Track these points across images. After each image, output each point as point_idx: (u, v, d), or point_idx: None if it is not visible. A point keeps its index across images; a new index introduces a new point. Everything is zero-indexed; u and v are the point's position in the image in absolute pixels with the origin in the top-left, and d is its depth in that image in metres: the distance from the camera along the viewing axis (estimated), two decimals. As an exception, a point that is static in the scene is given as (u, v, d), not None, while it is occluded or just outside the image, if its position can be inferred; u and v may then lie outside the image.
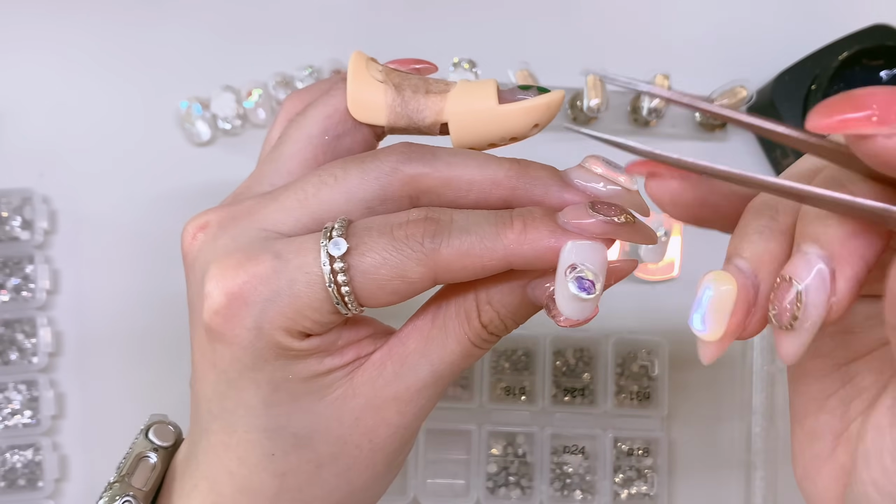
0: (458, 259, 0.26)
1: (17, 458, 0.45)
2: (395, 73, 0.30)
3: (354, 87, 0.30)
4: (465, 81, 0.30)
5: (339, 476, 0.29)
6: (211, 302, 0.27)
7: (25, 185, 0.48)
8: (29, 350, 0.46)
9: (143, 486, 0.30)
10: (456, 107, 0.29)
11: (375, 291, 0.26)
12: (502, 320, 0.28)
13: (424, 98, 0.30)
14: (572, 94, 0.49)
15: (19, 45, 0.49)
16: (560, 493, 0.46)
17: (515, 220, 0.26)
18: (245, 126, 0.49)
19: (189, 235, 0.29)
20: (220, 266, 0.27)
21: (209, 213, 0.29)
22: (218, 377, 0.28)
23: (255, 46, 0.50)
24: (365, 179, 0.27)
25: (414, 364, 0.28)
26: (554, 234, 0.26)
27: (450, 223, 0.26)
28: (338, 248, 0.26)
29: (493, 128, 0.29)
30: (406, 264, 0.26)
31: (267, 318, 0.26)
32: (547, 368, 0.46)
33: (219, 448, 0.29)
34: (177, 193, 0.49)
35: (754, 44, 0.51)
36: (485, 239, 0.26)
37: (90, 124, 0.49)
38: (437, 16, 0.51)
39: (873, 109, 0.20)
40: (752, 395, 0.47)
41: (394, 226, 0.26)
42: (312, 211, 0.28)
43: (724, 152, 0.50)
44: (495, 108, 0.29)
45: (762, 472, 0.46)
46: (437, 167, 0.28)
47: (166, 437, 0.32)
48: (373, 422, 0.29)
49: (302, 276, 0.26)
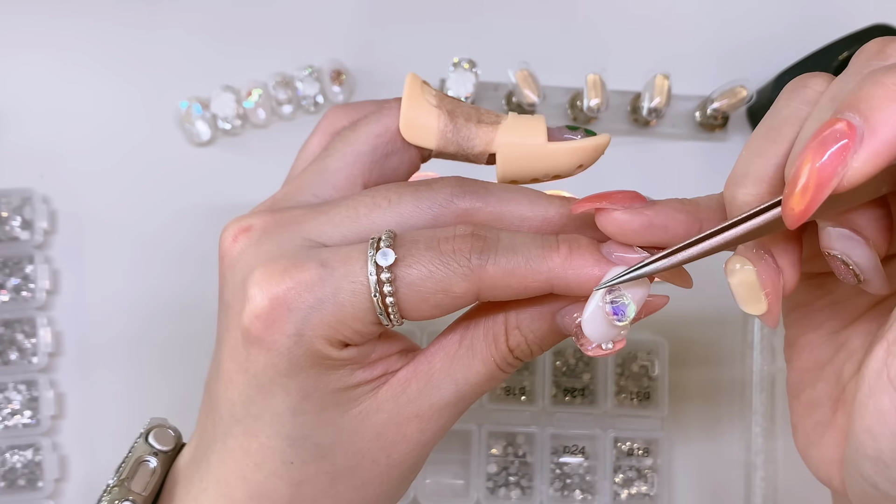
0: (503, 277, 0.26)
1: (17, 458, 0.45)
2: (448, 99, 0.31)
3: (409, 109, 0.30)
4: (516, 115, 0.31)
5: (354, 490, 0.29)
6: (253, 306, 0.27)
7: (25, 185, 0.48)
8: (29, 350, 0.46)
9: (143, 491, 0.30)
10: (506, 139, 0.30)
11: (419, 304, 0.27)
12: (529, 345, 0.29)
13: (476, 127, 0.30)
14: (572, 94, 0.49)
15: (20, 46, 0.49)
16: (560, 493, 0.46)
17: (562, 245, 0.27)
18: (245, 126, 0.49)
19: (230, 237, 0.29)
20: (266, 271, 0.27)
21: (253, 217, 0.29)
22: (248, 381, 0.28)
23: (255, 46, 0.50)
24: (419, 208, 0.28)
25: (438, 383, 0.29)
26: (598, 263, 0.27)
27: (496, 241, 0.27)
28: (385, 259, 0.26)
29: (539, 164, 0.30)
30: (451, 278, 0.26)
31: (309, 325, 0.26)
32: (547, 368, 0.46)
33: (237, 452, 0.29)
34: (177, 193, 0.49)
35: (754, 44, 0.51)
36: (531, 260, 0.26)
37: (90, 124, 0.49)
38: (437, 16, 0.51)
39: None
40: (752, 395, 0.47)
41: (441, 240, 0.27)
42: (361, 230, 0.28)
43: (723, 152, 0.50)
44: (544, 145, 0.30)
45: (762, 472, 0.46)
46: (489, 202, 0.28)
47: (166, 442, 0.32)
48: (393, 437, 0.29)
49: (348, 284, 0.26)
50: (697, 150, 0.50)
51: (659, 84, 0.47)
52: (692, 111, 0.50)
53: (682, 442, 0.48)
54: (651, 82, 0.47)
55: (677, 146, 0.50)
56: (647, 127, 0.50)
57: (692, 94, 0.49)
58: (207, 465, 0.30)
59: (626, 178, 0.49)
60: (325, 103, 0.49)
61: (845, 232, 0.24)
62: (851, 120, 0.21)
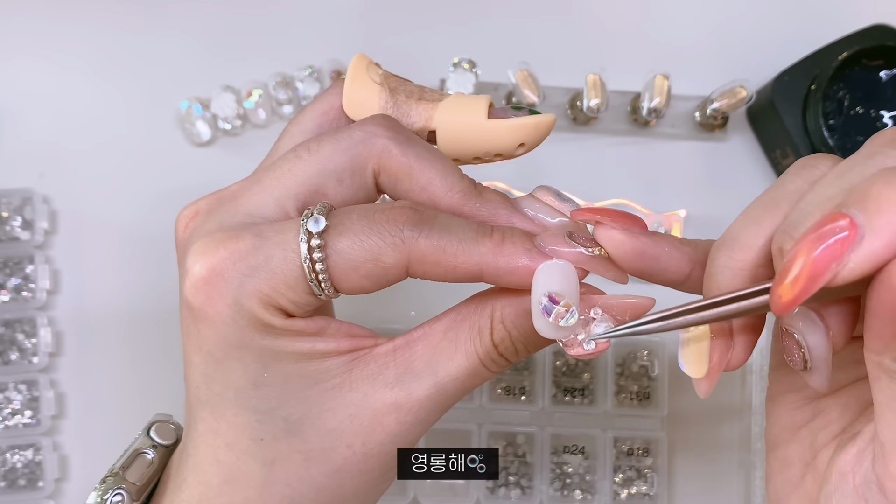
0: (433, 253, 0.27)
1: (18, 458, 0.46)
2: (392, 77, 0.31)
3: (351, 87, 0.31)
4: (460, 94, 0.31)
5: (328, 476, 0.29)
6: (191, 277, 0.27)
7: (26, 185, 0.48)
8: (29, 350, 0.46)
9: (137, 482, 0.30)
10: (445, 116, 0.30)
11: (349, 272, 0.27)
12: (514, 342, 0.28)
13: (416, 104, 0.30)
14: (572, 95, 0.49)
15: (20, 46, 0.50)
16: (560, 493, 0.46)
17: (495, 233, 0.27)
18: (245, 126, 0.49)
19: (182, 224, 0.30)
20: (203, 243, 0.27)
21: (199, 201, 0.30)
22: (205, 359, 0.28)
23: (255, 47, 0.50)
24: (337, 150, 0.28)
25: (418, 371, 0.28)
26: (529, 253, 0.27)
27: (433, 218, 0.27)
28: (317, 225, 0.26)
29: (479, 142, 0.30)
30: (382, 248, 0.26)
31: (244, 292, 0.27)
32: (547, 368, 0.46)
33: (207, 436, 0.29)
34: (177, 193, 0.48)
35: (754, 44, 0.51)
36: (463, 242, 0.27)
37: (91, 125, 0.49)
38: (437, 16, 0.51)
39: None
40: (752, 395, 0.47)
41: (376, 211, 0.27)
42: (289, 186, 0.28)
43: (723, 152, 0.50)
44: (483, 122, 0.30)
45: (762, 472, 0.46)
46: (405, 151, 0.28)
47: (167, 436, 0.32)
48: (369, 423, 0.28)
49: (279, 252, 0.27)
50: (697, 151, 0.50)
51: (659, 84, 0.47)
52: (692, 111, 0.50)
53: (682, 442, 0.48)
54: (651, 82, 0.47)
55: (677, 146, 0.50)
56: (646, 127, 0.50)
57: (692, 95, 0.49)
58: (186, 454, 0.30)
59: (626, 178, 0.50)
60: (325, 103, 0.49)
61: (811, 314, 0.24)
62: (855, 218, 0.21)
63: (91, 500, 0.30)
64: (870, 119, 0.46)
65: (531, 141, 0.30)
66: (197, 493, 0.29)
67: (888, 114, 0.46)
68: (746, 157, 0.50)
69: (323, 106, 0.31)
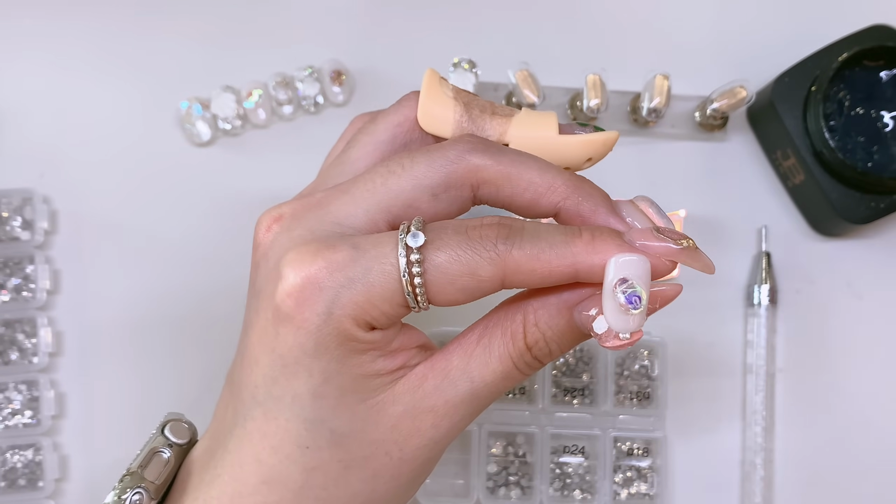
0: (528, 262, 0.27)
1: (18, 458, 0.46)
2: (464, 93, 0.32)
3: (427, 100, 0.31)
4: (529, 110, 0.32)
5: (364, 482, 0.29)
6: (286, 284, 0.27)
7: (26, 185, 0.48)
8: (29, 350, 0.46)
9: (156, 480, 0.31)
10: (519, 131, 0.31)
11: (446, 286, 0.27)
12: (547, 343, 0.29)
13: (490, 119, 0.31)
14: (572, 95, 0.49)
15: (20, 46, 0.50)
16: (560, 493, 0.46)
17: (584, 232, 0.28)
18: (245, 126, 0.49)
19: (263, 227, 0.30)
20: (299, 252, 0.28)
21: (282, 206, 0.30)
22: (273, 362, 0.28)
23: (255, 47, 0.50)
24: (431, 167, 0.29)
25: (455, 379, 0.29)
26: (621, 248, 0.28)
27: (521, 229, 0.28)
28: (416, 241, 0.27)
29: (550, 156, 0.31)
30: (478, 262, 0.27)
31: (339, 303, 0.27)
32: (547, 368, 0.46)
33: (255, 435, 0.29)
34: (177, 194, 0.49)
35: (754, 44, 0.51)
36: (554, 245, 0.27)
37: (91, 124, 0.49)
38: (437, 16, 0.51)
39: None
40: (751, 395, 0.47)
41: (469, 227, 0.28)
42: (380, 200, 0.29)
43: (723, 152, 0.50)
44: (555, 137, 0.31)
45: (762, 472, 0.47)
46: (500, 160, 0.29)
47: (182, 435, 0.33)
48: (407, 431, 0.29)
49: (378, 265, 0.27)
50: (697, 151, 0.50)
51: (659, 84, 0.47)
52: (692, 111, 0.50)
53: (682, 442, 0.48)
54: (651, 82, 0.47)
55: (677, 146, 0.50)
56: (646, 127, 0.50)
57: (692, 95, 0.49)
58: (224, 451, 0.30)
59: (626, 178, 0.50)
60: (325, 104, 0.49)
61: None
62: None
63: (109, 500, 0.30)
64: (870, 119, 0.46)
65: (598, 156, 0.32)
66: (230, 489, 0.29)
67: (889, 114, 0.46)
68: (746, 157, 0.50)
69: (398, 118, 0.32)
